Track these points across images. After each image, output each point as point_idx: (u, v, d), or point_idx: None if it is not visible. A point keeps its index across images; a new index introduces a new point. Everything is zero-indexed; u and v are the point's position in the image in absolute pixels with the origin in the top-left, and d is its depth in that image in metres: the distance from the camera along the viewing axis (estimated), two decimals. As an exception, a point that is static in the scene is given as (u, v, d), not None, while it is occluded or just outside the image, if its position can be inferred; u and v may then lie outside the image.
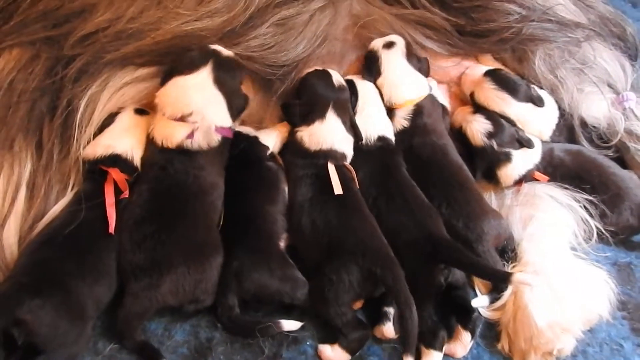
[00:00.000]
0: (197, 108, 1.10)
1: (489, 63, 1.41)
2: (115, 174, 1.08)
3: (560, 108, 1.37)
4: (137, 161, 1.13)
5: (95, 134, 1.15)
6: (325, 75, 1.24)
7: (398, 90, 1.28)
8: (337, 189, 1.10)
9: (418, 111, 1.27)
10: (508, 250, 1.19)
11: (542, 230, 1.20)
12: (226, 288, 1.03)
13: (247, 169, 1.16)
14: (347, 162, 1.20)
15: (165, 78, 1.14)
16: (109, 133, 1.15)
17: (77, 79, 1.13)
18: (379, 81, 1.30)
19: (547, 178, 1.29)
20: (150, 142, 1.13)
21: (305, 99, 1.22)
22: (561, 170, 1.30)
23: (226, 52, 1.18)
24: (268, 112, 1.30)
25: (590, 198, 1.25)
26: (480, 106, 1.33)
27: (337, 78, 1.25)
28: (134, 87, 1.18)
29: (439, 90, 1.38)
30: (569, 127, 1.38)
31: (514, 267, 1.14)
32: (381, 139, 1.23)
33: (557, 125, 1.37)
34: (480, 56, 1.41)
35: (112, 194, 1.06)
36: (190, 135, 1.09)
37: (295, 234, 1.12)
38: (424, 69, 1.32)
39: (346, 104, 1.24)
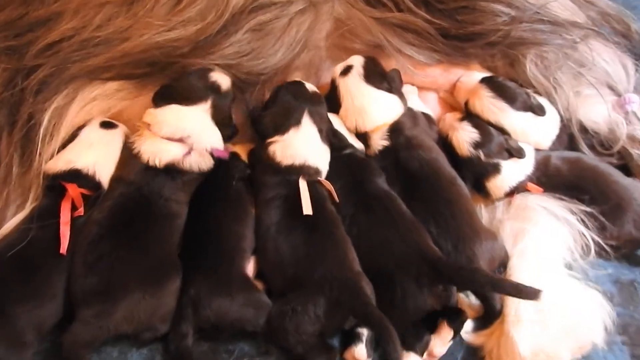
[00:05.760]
0: (196, 132, 1.03)
1: (477, 69, 1.28)
2: (72, 189, 0.99)
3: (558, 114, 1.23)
4: (100, 177, 1.03)
5: (60, 149, 1.06)
6: (296, 84, 1.13)
7: (363, 118, 1.13)
8: (307, 209, 0.98)
9: (397, 129, 1.13)
10: (500, 267, 1.06)
11: (533, 246, 1.06)
12: (181, 316, 0.91)
13: (213, 185, 1.05)
14: (322, 177, 1.07)
15: (161, 101, 1.04)
16: (71, 147, 1.05)
17: (38, 91, 1.04)
18: (341, 113, 1.14)
19: (541, 189, 1.15)
20: (132, 158, 1.02)
21: (278, 107, 1.09)
22: (557, 180, 1.16)
23: (225, 84, 1.09)
24: (248, 131, 1.20)
25: (589, 209, 1.10)
26: (473, 115, 1.20)
27: (310, 86, 1.14)
28: (102, 102, 1.09)
29: (418, 99, 1.26)
30: (568, 134, 1.25)
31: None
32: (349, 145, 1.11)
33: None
34: (468, 62, 1.29)
35: (67, 211, 0.96)
36: (186, 155, 1.01)
37: (260, 260, 1.00)
38: (394, 84, 1.16)
39: (322, 112, 1.12)
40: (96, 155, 1.04)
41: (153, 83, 1.09)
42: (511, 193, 1.14)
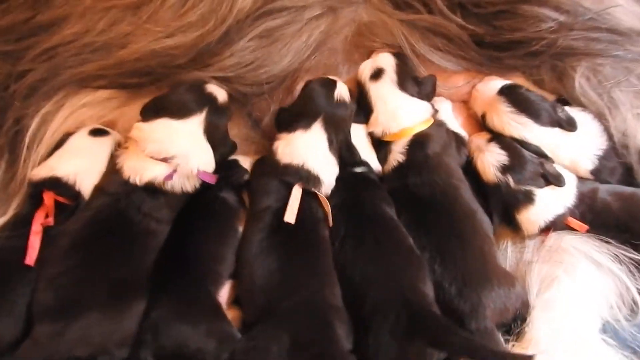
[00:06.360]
0: (182, 153, 0.94)
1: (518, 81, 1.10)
2: (47, 198, 0.94)
3: (611, 139, 1.03)
4: (81, 186, 0.97)
5: (48, 156, 1.02)
6: (327, 84, 1.02)
7: (392, 119, 1.01)
8: (290, 216, 0.87)
9: (419, 142, 1.00)
10: (518, 319, 0.88)
11: (562, 298, 0.87)
12: (140, 341, 0.83)
13: (197, 197, 0.96)
14: (322, 192, 0.95)
15: (150, 114, 0.97)
16: (56, 154, 1.01)
17: (27, 96, 1.01)
18: (372, 119, 1.03)
19: (585, 227, 0.95)
20: (114, 171, 0.97)
21: (298, 104, 1.00)
22: (605, 218, 0.96)
23: (222, 96, 1.00)
24: (253, 146, 1.10)
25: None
26: (494, 132, 1.03)
27: (342, 91, 1.02)
28: (92, 110, 1.04)
29: (451, 114, 1.10)
30: (624, 165, 1.03)
31: (514, 345, 0.83)
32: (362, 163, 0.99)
33: (608, 161, 1.03)
34: (507, 73, 1.11)
35: (40, 221, 0.91)
36: (169, 176, 0.93)
37: (238, 284, 0.90)
38: (427, 91, 1.04)
39: (342, 122, 1.01)
40: (79, 163, 0.99)
41: (145, 94, 1.02)
42: (547, 229, 0.96)
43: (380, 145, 1.03)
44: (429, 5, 1.10)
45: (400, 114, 1.01)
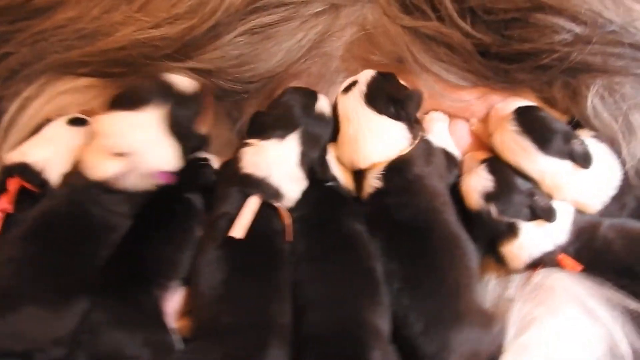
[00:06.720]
0: (139, 149, 0.89)
1: (531, 99, 1.00)
2: (12, 184, 0.92)
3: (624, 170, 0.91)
4: (49, 174, 0.95)
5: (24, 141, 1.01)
6: (309, 96, 0.95)
7: (357, 151, 0.90)
8: (238, 231, 0.81)
9: (397, 167, 0.88)
10: (488, 364, 0.78)
11: (540, 342, 0.77)
12: (76, 343, 0.79)
13: (161, 197, 0.92)
14: (283, 205, 0.89)
15: (111, 105, 0.93)
16: (31, 140, 0.99)
17: (8, 78, 1.00)
18: (338, 140, 0.93)
19: (580, 267, 0.84)
20: (77, 162, 0.94)
21: (277, 112, 0.93)
22: (605, 257, 0.85)
23: (188, 87, 0.94)
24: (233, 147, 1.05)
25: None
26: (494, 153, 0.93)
27: (323, 105, 0.95)
28: (72, 97, 1.01)
29: (446, 131, 1.01)
30: (636, 198, 0.91)
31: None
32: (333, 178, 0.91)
33: (620, 196, 0.91)
34: (517, 89, 1.00)
35: (1, 207, 0.90)
36: (121, 174, 0.89)
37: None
38: (406, 109, 0.91)
39: (319, 138, 0.93)
40: (50, 151, 0.96)
41: (125, 85, 0.98)
42: (535, 265, 0.85)
43: (354, 173, 0.94)
44: (439, 10, 1.01)
45: (365, 142, 0.89)
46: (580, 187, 0.87)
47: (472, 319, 0.77)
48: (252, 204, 0.84)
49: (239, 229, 0.81)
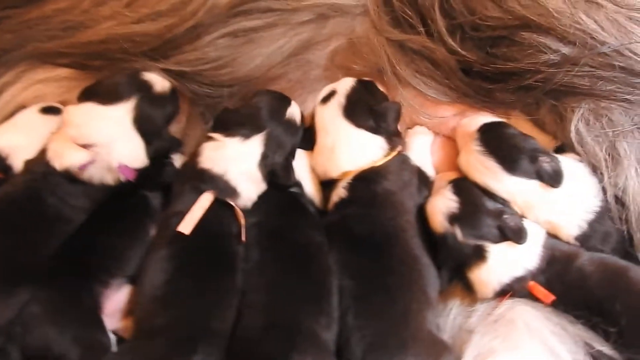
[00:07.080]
0: (105, 142, 0.87)
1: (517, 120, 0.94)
2: (-25, 169, 0.91)
3: (604, 199, 0.84)
4: (15, 160, 0.94)
5: (-2, 126, 1.00)
6: (281, 100, 0.93)
7: (331, 161, 0.88)
8: (185, 226, 0.77)
9: (366, 178, 0.85)
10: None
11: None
12: (9, 335, 0.76)
13: (119, 193, 0.89)
14: (239, 205, 0.85)
15: (80, 97, 0.92)
16: (1, 126, 0.99)
17: (-13, 64, 1.00)
18: (315, 151, 0.90)
19: (551, 297, 0.78)
20: (41, 150, 0.93)
21: (246, 111, 0.90)
22: (577, 292, 0.78)
23: (160, 86, 0.93)
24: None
25: (609, 352, 0.70)
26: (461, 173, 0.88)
27: (294, 112, 0.93)
28: (48, 86, 1.01)
29: (426, 148, 0.96)
30: (619, 232, 0.84)
31: None
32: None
33: (601, 225, 0.84)
34: (500, 109, 0.95)
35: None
36: (84, 166, 0.87)
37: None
38: (384, 122, 0.88)
39: (285, 143, 0.90)
40: (19, 138, 0.96)
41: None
42: (505, 293, 0.79)
43: (325, 184, 0.90)
44: (428, 25, 0.98)
45: (340, 152, 0.87)
46: (553, 207, 0.81)
47: (419, 349, 0.71)
48: (204, 200, 0.81)
49: (187, 224, 0.78)
